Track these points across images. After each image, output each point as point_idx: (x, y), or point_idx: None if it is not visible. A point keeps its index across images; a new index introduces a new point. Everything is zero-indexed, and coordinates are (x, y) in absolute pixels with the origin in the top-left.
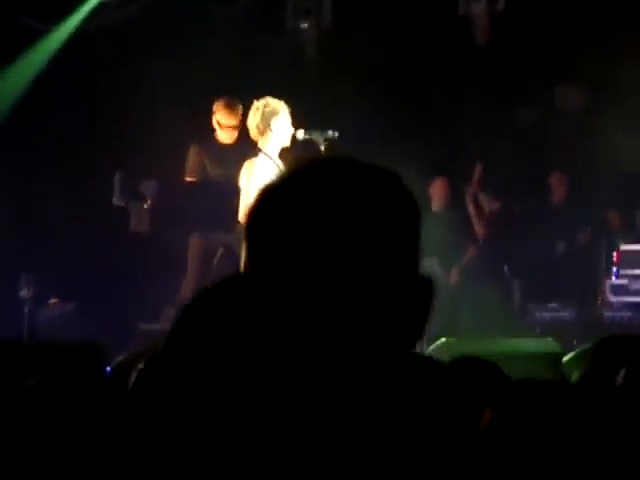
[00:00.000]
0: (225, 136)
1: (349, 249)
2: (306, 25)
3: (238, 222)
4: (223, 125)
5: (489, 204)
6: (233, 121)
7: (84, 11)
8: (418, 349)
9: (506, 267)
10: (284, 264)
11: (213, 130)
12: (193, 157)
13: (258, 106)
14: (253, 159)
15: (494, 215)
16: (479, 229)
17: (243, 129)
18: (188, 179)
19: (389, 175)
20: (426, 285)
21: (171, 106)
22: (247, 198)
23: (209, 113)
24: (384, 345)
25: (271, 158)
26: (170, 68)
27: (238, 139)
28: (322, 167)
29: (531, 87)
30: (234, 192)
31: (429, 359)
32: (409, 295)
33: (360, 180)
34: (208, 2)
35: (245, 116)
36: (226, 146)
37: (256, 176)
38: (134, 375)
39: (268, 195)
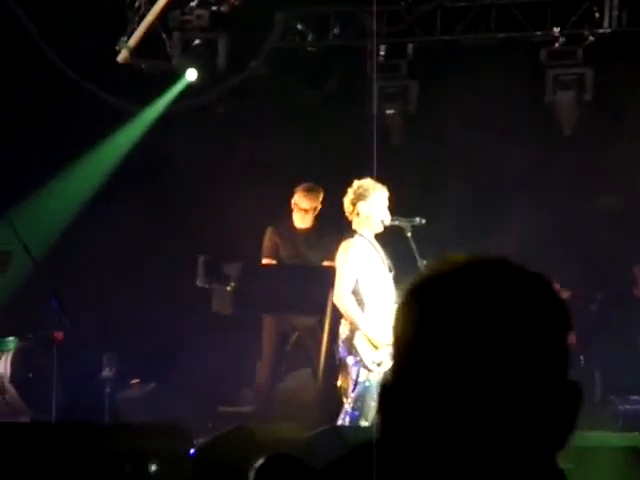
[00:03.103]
0: (299, 219)
1: (499, 356)
2: (392, 111)
3: (327, 304)
4: (299, 208)
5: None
6: (307, 205)
7: (172, 94)
8: None
9: (582, 358)
10: (434, 378)
11: (291, 213)
12: (268, 240)
13: (350, 188)
14: (349, 240)
15: (573, 303)
16: None
17: (321, 215)
18: (264, 261)
19: (540, 280)
20: (574, 390)
21: (251, 187)
22: (341, 278)
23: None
24: (529, 454)
25: (366, 239)
26: (250, 150)
27: (316, 223)
28: (473, 269)
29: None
30: (309, 276)
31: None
32: (558, 401)
33: (510, 284)
34: (294, 86)
35: (324, 202)
36: (301, 230)
37: (351, 257)
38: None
39: (417, 299)
